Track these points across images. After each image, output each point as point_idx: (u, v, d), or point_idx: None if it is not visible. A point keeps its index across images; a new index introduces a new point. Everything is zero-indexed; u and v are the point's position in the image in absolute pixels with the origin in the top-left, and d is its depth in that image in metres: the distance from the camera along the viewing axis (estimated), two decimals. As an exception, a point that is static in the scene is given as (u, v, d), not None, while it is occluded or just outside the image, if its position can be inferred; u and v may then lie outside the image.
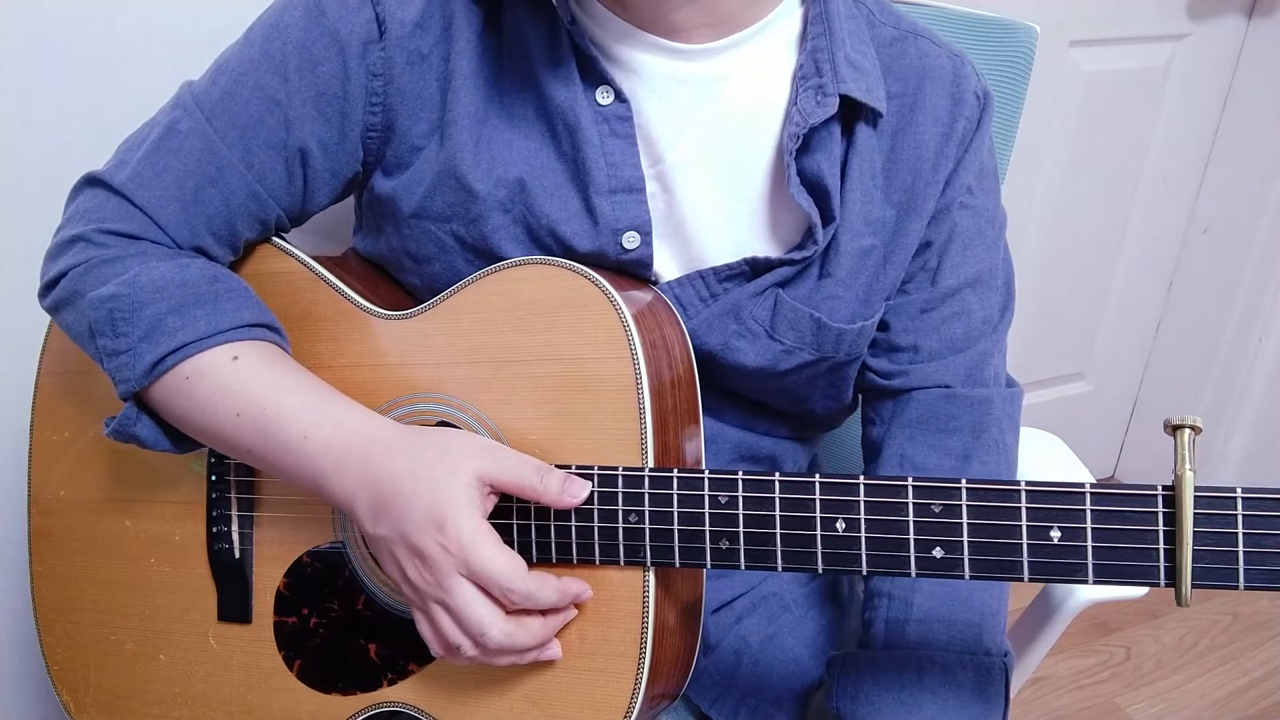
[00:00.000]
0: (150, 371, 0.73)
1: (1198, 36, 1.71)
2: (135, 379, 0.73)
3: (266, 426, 0.72)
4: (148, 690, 0.85)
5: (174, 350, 0.73)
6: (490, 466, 0.68)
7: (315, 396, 0.74)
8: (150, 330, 0.73)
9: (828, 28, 0.77)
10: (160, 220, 0.76)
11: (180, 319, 0.73)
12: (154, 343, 0.73)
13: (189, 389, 0.73)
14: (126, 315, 0.73)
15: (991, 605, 0.81)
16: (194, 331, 0.73)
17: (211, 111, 0.76)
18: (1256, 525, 0.60)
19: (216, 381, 0.73)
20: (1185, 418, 0.61)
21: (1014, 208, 0.89)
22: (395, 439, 0.70)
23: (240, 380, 0.73)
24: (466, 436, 0.71)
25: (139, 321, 0.73)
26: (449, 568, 0.67)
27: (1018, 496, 0.64)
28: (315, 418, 0.72)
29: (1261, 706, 1.71)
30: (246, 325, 0.75)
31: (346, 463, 0.70)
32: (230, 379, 0.73)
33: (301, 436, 0.71)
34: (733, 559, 0.69)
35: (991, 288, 0.84)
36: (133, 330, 0.73)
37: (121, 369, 0.73)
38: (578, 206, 0.76)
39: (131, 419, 0.75)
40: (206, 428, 0.74)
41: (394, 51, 0.75)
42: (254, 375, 0.73)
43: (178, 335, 0.73)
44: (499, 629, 0.68)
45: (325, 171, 0.79)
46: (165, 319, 0.73)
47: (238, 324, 0.75)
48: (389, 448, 0.70)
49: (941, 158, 0.79)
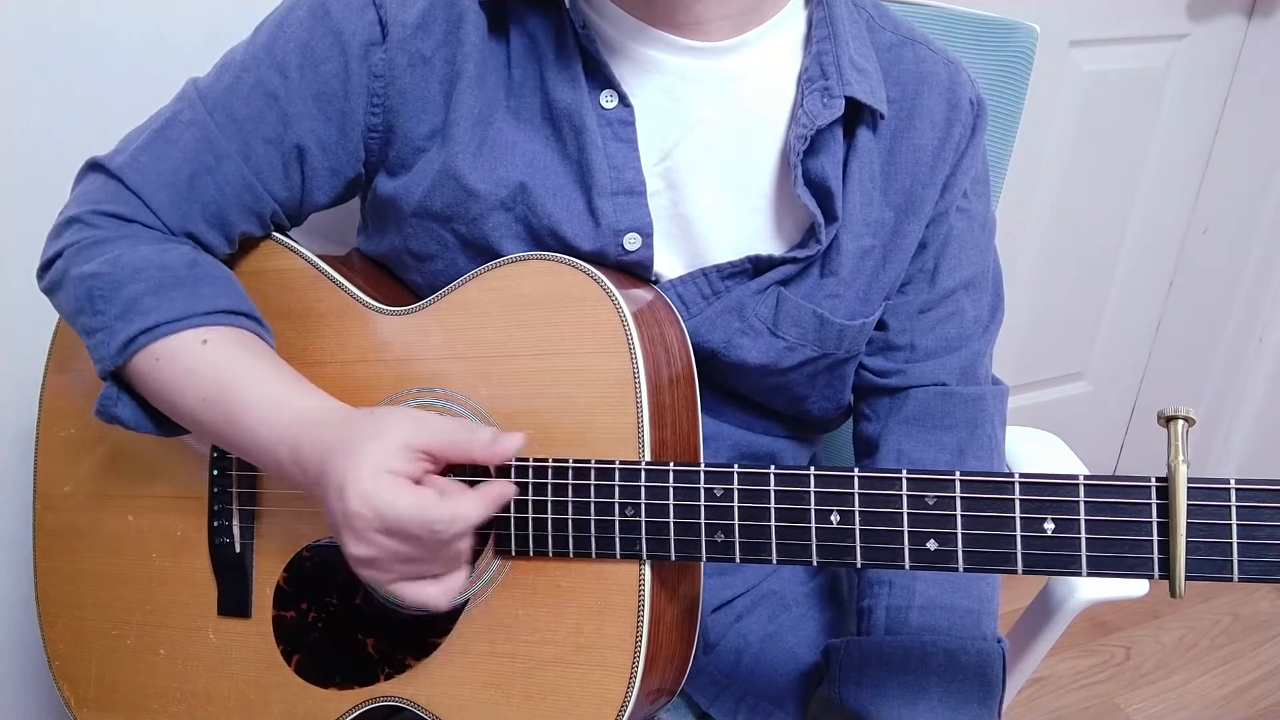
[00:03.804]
0: (123, 349, 0.73)
1: (1198, 36, 1.71)
2: (109, 357, 0.74)
3: (229, 412, 0.72)
4: (147, 685, 0.85)
5: (146, 329, 0.73)
6: (415, 433, 0.67)
7: (278, 385, 0.74)
8: (126, 309, 0.73)
9: (832, 31, 0.78)
10: (153, 204, 0.77)
11: (156, 300, 0.74)
12: (128, 322, 0.73)
13: (159, 370, 0.74)
14: (105, 294, 0.74)
15: (988, 592, 0.82)
16: (168, 313, 0.74)
17: (213, 105, 0.77)
18: (1250, 517, 0.60)
19: (185, 364, 0.73)
20: (1179, 409, 0.61)
21: (1014, 208, 0.89)
22: (339, 421, 0.70)
23: (208, 364, 0.73)
24: (398, 410, 0.70)
25: (116, 300, 0.73)
26: (370, 530, 0.65)
27: (1011, 488, 0.64)
28: (274, 406, 0.72)
29: (1261, 706, 1.71)
30: (222, 311, 0.75)
31: (299, 451, 0.70)
32: (199, 362, 0.73)
33: (260, 423, 0.72)
34: (728, 552, 0.69)
35: (983, 289, 0.87)
36: (109, 308, 0.74)
37: (99, 347, 0.74)
38: (580, 207, 0.76)
39: (112, 399, 0.76)
40: (178, 409, 0.75)
41: (396, 53, 0.76)
42: (222, 360, 0.74)
43: (151, 315, 0.73)
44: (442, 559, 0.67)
45: (324, 170, 0.79)
46: (141, 299, 0.73)
47: (213, 309, 0.75)
48: (330, 429, 0.69)
49: (939, 162, 0.80)
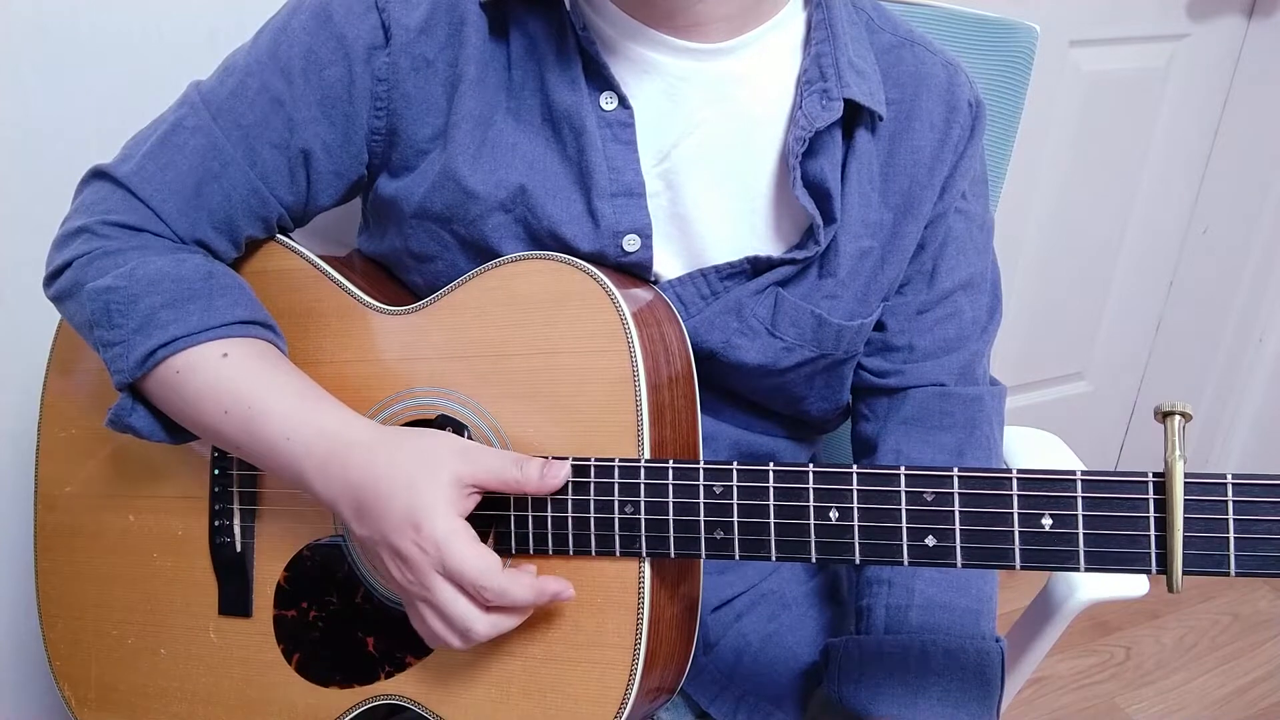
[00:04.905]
0: (143, 363, 0.74)
1: (1198, 36, 1.71)
2: (128, 370, 0.74)
3: (251, 425, 0.73)
4: (148, 684, 0.85)
5: (166, 343, 0.73)
6: (467, 468, 0.69)
7: (300, 398, 0.74)
8: (144, 323, 0.74)
9: (831, 32, 0.78)
10: (162, 213, 0.77)
11: (173, 313, 0.74)
12: (147, 335, 0.74)
13: (179, 383, 0.74)
14: (122, 307, 0.74)
15: (987, 591, 0.82)
16: (186, 326, 0.74)
17: (217, 110, 0.77)
18: (1247, 511, 0.60)
19: (206, 377, 0.74)
20: (1175, 404, 0.61)
21: (1014, 208, 0.90)
22: (376, 441, 0.71)
23: (229, 377, 0.74)
24: (444, 438, 0.71)
25: (134, 314, 0.74)
26: (427, 566, 0.68)
27: (1009, 484, 0.64)
28: (298, 419, 0.72)
29: (1261, 707, 1.71)
30: (240, 322, 0.76)
31: (328, 466, 0.71)
32: (219, 375, 0.74)
33: (284, 438, 0.72)
34: (727, 549, 0.69)
35: (981, 290, 0.87)
36: (127, 322, 0.74)
37: (116, 360, 0.74)
38: (580, 209, 0.76)
39: (127, 409, 0.76)
40: (197, 422, 0.75)
41: (399, 57, 0.76)
42: (242, 373, 0.74)
43: (170, 329, 0.74)
44: (483, 623, 0.69)
45: (329, 173, 0.79)
46: (159, 312, 0.74)
47: (230, 320, 0.75)
48: (369, 450, 0.70)
49: (937, 163, 0.81)
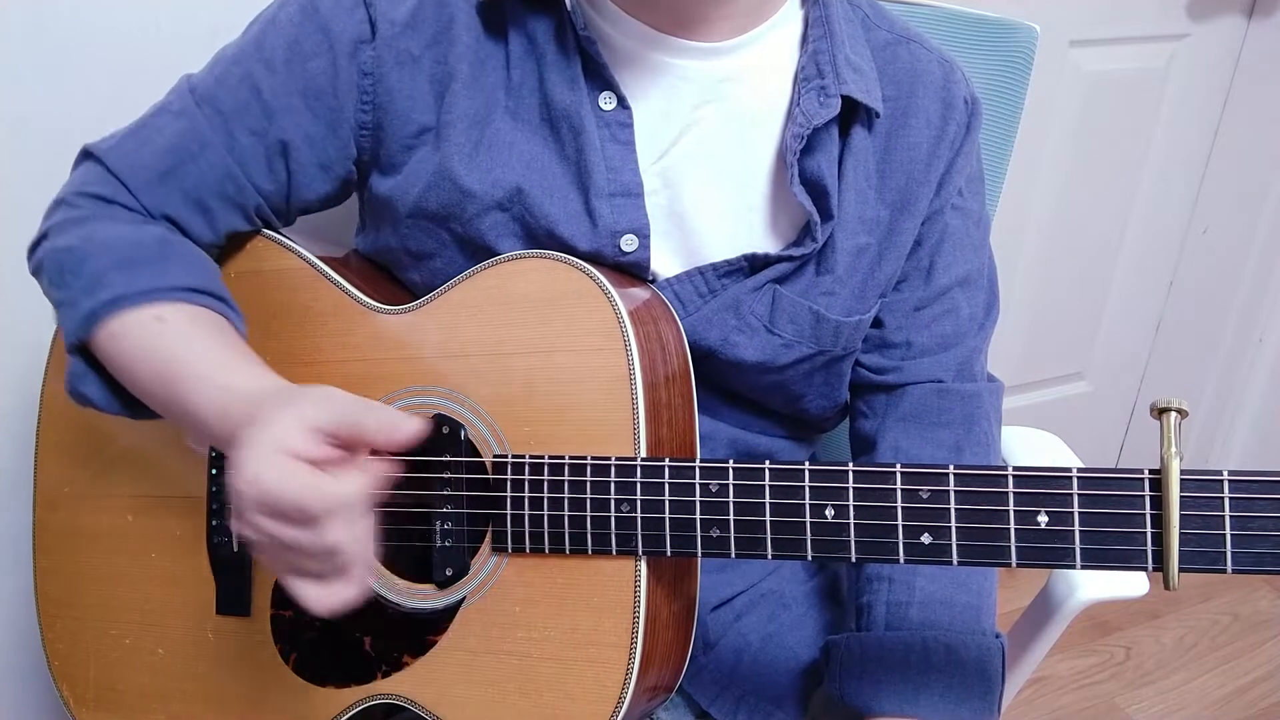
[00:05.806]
0: (86, 323, 0.73)
1: (1198, 36, 1.71)
2: (73, 330, 0.73)
3: (175, 388, 0.71)
4: (146, 684, 0.85)
5: (106, 302, 0.73)
6: (317, 411, 0.64)
7: (224, 363, 0.72)
8: (91, 283, 0.73)
9: (828, 30, 0.78)
10: (131, 186, 0.77)
11: (121, 274, 0.73)
12: (91, 295, 0.73)
13: (117, 344, 0.73)
14: (73, 267, 0.74)
15: (987, 587, 0.82)
16: (130, 287, 0.73)
17: (201, 97, 0.78)
18: (1243, 508, 0.60)
19: (140, 339, 0.73)
20: (1171, 401, 0.61)
21: (1014, 207, 0.90)
22: (267, 392, 0.68)
23: (161, 340, 0.73)
24: (319, 389, 0.67)
25: (83, 273, 0.74)
26: (250, 508, 0.61)
27: (1005, 481, 0.64)
28: (211, 381, 0.70)
29: (1261, 707, 1.71)
30: (186, 289, 0.75)
31: (224, 422, 0.68)
32: (152, 338, 0.73)
33: (201, 398, 0.70)
34: (724, 547, 0.69)
35: (978, 287, 0.87)
36: (76, 281, 0.74)
37: (65, 320, 0.74)
38: (578, 208, 0.77)
39: (79, 375, 0.75)
40: (135, 386, 0.74)
41: (384, 51, 0.76)
42: (174, 337, 0.73)
43: (114, 288, 0.73)
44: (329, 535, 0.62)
45: (311, 165, 0.79)
46: (107, 273, 0.73)
47: (177, 285, 0.74)
48: (251, 404, 0.66)
49: (934, 159, 0.81)
